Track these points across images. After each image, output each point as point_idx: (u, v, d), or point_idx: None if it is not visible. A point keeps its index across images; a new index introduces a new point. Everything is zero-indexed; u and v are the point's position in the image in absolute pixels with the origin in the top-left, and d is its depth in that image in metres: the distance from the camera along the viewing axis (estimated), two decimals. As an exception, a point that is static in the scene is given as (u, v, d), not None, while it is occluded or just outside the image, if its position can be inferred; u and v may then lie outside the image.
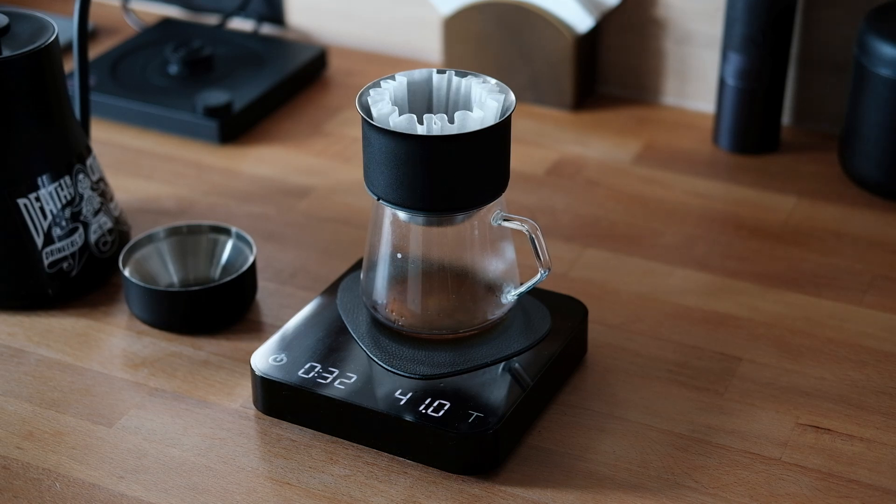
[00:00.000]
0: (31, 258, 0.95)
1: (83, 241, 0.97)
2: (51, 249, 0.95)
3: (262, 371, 0.86)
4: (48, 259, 0.95)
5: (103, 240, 0.98)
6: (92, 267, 0.98)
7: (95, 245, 0.98)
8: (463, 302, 0.87)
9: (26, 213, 0.94)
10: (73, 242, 0.96)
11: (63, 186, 0.95)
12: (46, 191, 0.95)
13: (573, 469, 0.83)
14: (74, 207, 0.96)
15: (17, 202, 0.94)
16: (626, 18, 1.26)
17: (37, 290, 0.96)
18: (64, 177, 0.96)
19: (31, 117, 0.94)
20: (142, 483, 0.82)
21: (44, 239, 0.95)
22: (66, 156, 0.96)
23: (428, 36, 1.34)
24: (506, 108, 0.82)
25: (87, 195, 0.97)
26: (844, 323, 0.97)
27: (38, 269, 0.95)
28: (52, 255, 0.95)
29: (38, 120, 0.94)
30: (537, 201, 1.13)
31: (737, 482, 0.82)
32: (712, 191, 1.14)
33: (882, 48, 1.06)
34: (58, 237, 0.96)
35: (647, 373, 0.92)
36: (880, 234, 1.08)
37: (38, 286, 0.96)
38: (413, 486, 0.82)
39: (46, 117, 0.95)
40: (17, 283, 0.96)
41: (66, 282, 0.97)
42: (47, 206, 0.95)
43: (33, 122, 0.94)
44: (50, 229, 0.95)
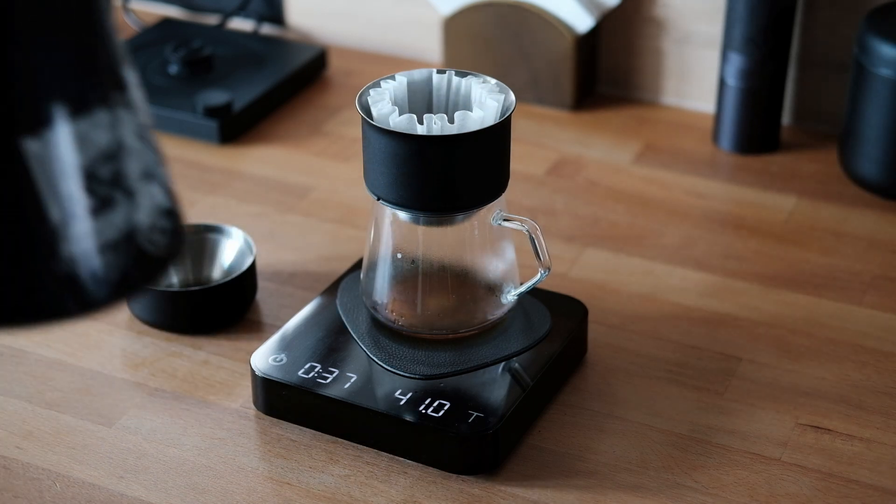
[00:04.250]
0: (39, 246, 0.53)
1: (127, 222, 0.54)
2: (76, 231, 0.53)
3: (262, 371, 0.86)
4: (68, 248, 0.53)
5: (158, 225, 0.55)
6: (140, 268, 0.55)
7: (147, 231, 0.55)
8: (463, 302, 0.87)
9: (37, 167, 0.52)
10: (111, 223, 0.53)
11: (98, 125, 0.53)
12: (73, 128, 0.53)
13: (573, 469, 0.83)
14: (114, 163, 0.54)
15: (24, 147, 0.51)
16: (627, 18, 1.26)
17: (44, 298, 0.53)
18: (97, 109, 0.53)
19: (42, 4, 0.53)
20: (142, 483, 0.82)
21: (63, 212, 0.52)
22: (101, 75, 0.54)
23: (428, 36, 1.34)
24: (506, 108, 0.83)
25: (134, 146, 0.54)
26: (844, 323, 0.97)
27: (49, 262, 0.53)
28: (77, 241, 0.53)
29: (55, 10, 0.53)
30: (537, 201, 1.13)
31: (737, 482, 0.82)
32: (712, 191, 1.14)
33: (882, 48, 1.06)
34: (88, 212, 0.53)
35: (647, 373, 0.92)
36: (880, 234, 1.08)
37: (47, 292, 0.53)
38: (413, 486, 0.82)
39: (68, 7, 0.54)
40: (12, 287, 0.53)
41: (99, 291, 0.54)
42: (72, 156, 0.52)
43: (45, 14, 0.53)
44: (74, 197, 0.53)
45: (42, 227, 0.52)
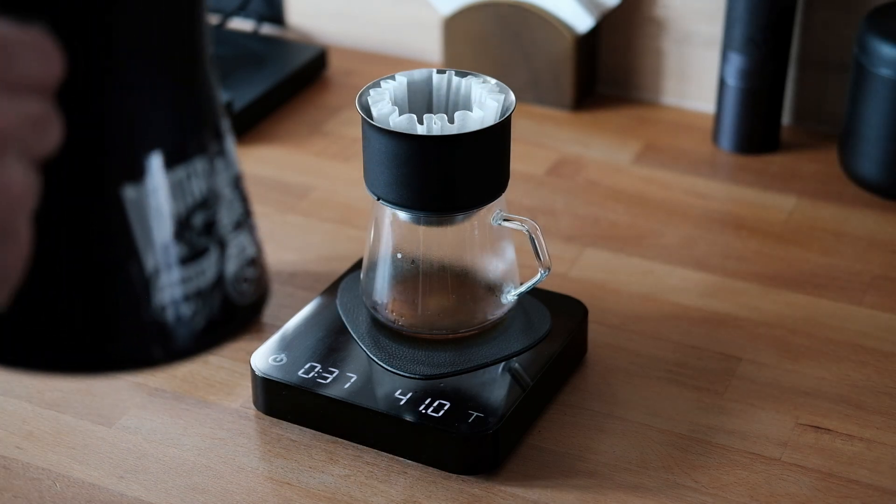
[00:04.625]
0: (132, 291, 0.53)
1: (217, 272, 0.55)
2: (167, 280, 0.53)
3: (262, 371, 0.86)
4: (159, 296, 0.53)
5: (244, 275, 0.56)
6: (226, 317, 0.56)
7: (234, 280, 0.56)
8: (463, 302, 0.87)
9: (133, 213, 0.52)
10: (201, 271, 0.55)
11: (194, 175, 0.54)
12: (170, 177, 0.53)
13: (573, 469, 0.83)
14: (208, 212, 0.55)
15: (121, 193, 0.51)
16: (626, 18, 1.26)
17: (132, 346, 0.54)
18: (196, 158, 0.54)
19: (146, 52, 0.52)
20: (142, 483, 0.82)
21: (157, 260, 0.53)
22: (201, 125, 0.55)
23: (428, 36, 1.34)
24: (506, 108, 0.83)
25: (227, 196, 0.55)
26: (844, 323, 0.97)
27: (139, 310, 0.53)
28: (167, 289, 0.53)
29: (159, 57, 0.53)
30: (537, 201, 1.13)
31: (737, 482, 0.82)
32: (712, 191, 1.14)
33: (882, 48, 1.06)
34: (180, 260, 0.54)
35: (647, 373, 0.92)
36: (880, 234, 1.08)
37: (135, 341, 0.54)
38: (413, 486, 0.82)
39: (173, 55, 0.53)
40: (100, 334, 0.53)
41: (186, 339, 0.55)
42: (168, 205, 0.53)
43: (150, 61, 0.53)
44: (168, 245, 0.53)
45: (136, 274, 0.52)
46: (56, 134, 0.46)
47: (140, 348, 0.53)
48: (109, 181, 0.51)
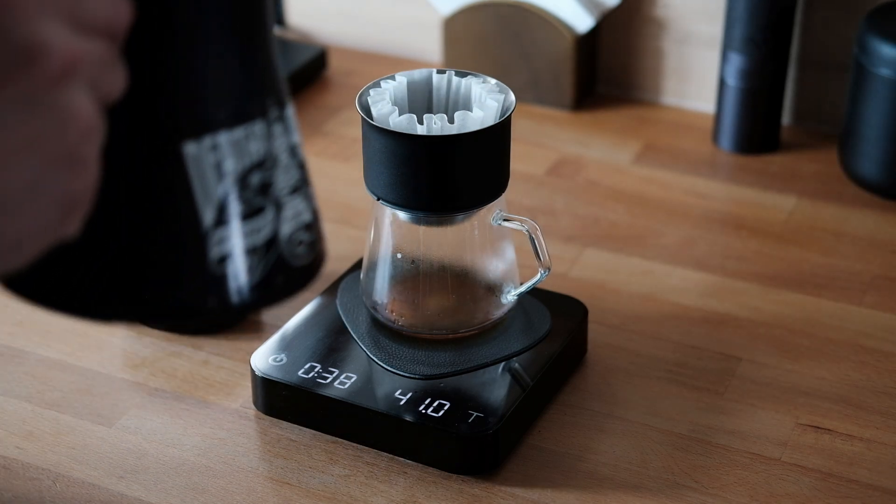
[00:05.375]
0: (190, 245, 0.55)
1: (272, 231, 0.57)
2: (224, 234, 0.56)
3: (262, 371, 0.86)
4: (216, 249, 0.55)
5: (298, 237, 0.59)
6: (280, 276, 0.58)
7: (288, 242, 0.58)
8: (463, 302, 0.87)
9: (193, 169, 0.54)
10: (257, 229, 0.57)
11: (253, 136, 0.56)
12: (229, 136, 0.55)
13: (573, 469, 0.83)
14: (265, 173, 0.57)
15: (183, 149, 0.54)
16: (627, 18, 1.26)
17: (189, 297, 0.56)
18: (255, 120, 0.56)
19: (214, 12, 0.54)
20: (142, 483, 0.82)
21: (215, 215, 0.55)
22: (261, 88, 0.57)
23: (428, 36, 1.34)
24: (506, 108, 0.83)
25: (284, 161, 0.58)
26: (844, 323, 0.97)
27: (197, 263, 0.56)
28: (224, 242, 0.56)
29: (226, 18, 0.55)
30: (537, 201, 1.13)
31: (737, 482, 0.82)
32: (712, 191, 1.14)
33: (882, 48, 1.06)
34: (237, 216, 0.56)
35: (647, 373, 0.92)
36: (880, 234, 1.08)
37: (192, 292, 0.56)
38: (413, 486, 0.82)
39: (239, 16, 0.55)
40: (159, 283, 0.55)
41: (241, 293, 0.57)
42: (227, 162, 0.55)
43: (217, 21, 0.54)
44: (225, 201, 0.56)
45: (194, 228, 0.54)
46: (120, 80, 0.48)
47: (196, 298, 0.55)
48: (170, 136, 0.53)
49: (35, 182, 0.45)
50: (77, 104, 0.45)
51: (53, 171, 0.46)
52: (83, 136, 0.46)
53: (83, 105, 0.46)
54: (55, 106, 0.45)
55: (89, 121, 0.46)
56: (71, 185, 0.47)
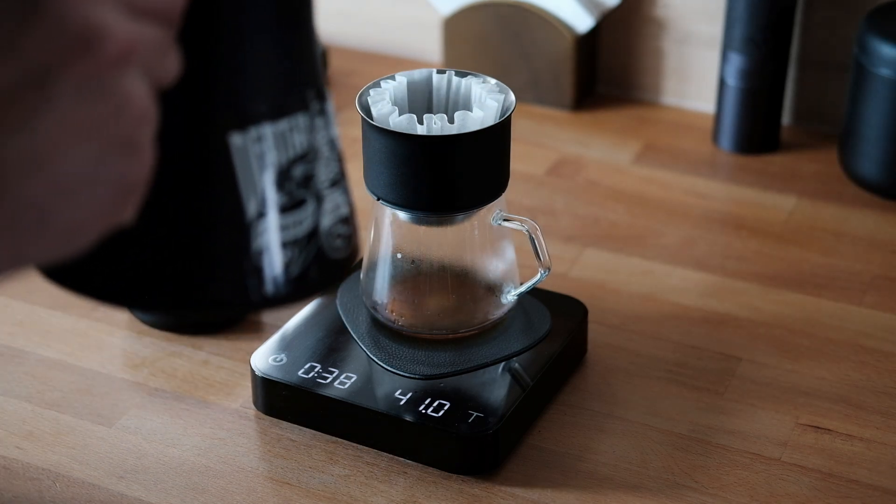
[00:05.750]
0: (233, 235, 0.55)
1: (313, 223, 0.58)
2: (267, 225, 0.56)
3: (262, 371, 0.86)
4: (259, 241, 0.56)
5: (337, 230, 0.59)
6: (319, 268, 0.59)
7: (328, 234, 0.59)
8: (463, 302, 0.87)
9: (238, 160, 0.54)
10: (298, 221, 0.57)
11: (296, 129, 0.56)
12: (274, 128, 0.55)
13: (573, 469, 0.83)
14: (307, 165, 0.57)
15: (229, 140, 0.54)
16: (626, 18, 1.26)
17: (231, 289, 0.56)
18: (299, 113, 0.57)
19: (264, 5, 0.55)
20: (142, 483, 0.82)
21: (258, 206, 0.55)
22: (305, 81, 0.58)
23: (428, 36, 1.34)
24: (506, 108, 0.83)
25: (325, 154, 0.58)
26: (844, 323, 0.97)
27: (239, 254, 0.56)
28: (266, 234, 0.56)
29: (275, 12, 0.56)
30: (537, 201, 1.13)
31: (737, 482, 0.82)
32: (712, 191, 1.14)
33: (882, 48, 1.06)
34: (279, 208, 0.56)
35: (647, 373, 0.92)
36: (880, 234, 1.08)
37: (233, 282, 0.56)
38: (413, 486, 0.82)
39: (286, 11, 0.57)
40: (200, 273, 0.55)
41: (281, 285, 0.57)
42: (271, 154, 0.55)
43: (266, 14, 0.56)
44: (269, 192, 0.56)
45: (237, 218, 0.54)
46: (174, 66, 0.48)
47: (237, 290, 0.55)
48: (217, 127, 0.53)
49: (92, 167, 0.46)
50: (132, 89, 0.46)
51: (110, 156, 0.46)
52: (138, 122, 0.46)
53: (138, 90, 0.46)
54: (111, 91, 0.45)
55: (144, 106, 0.47)
56: (127, 170, 0.47)
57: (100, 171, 0.46)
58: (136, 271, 0.54)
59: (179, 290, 0.55)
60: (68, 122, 0.45)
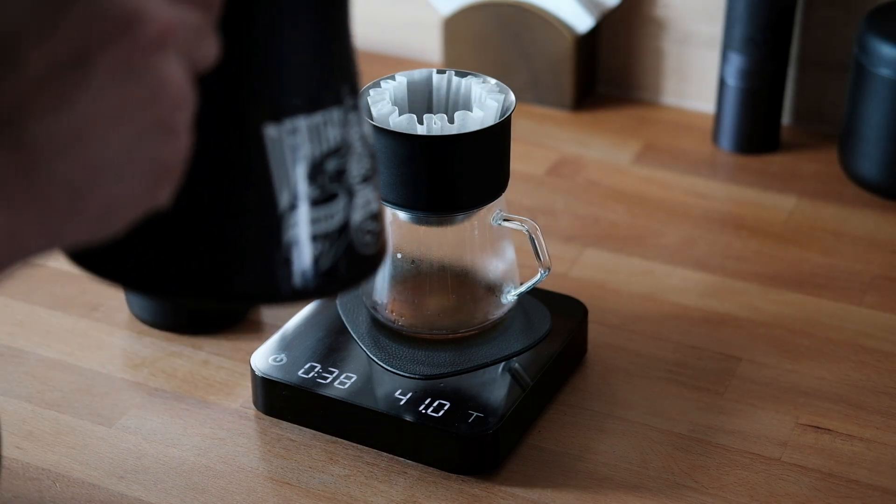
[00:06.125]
0: (265, 225, 0.55)
1: (344, 218, 0.58)
2: (299, 218, 0.56)
3: (262, 371, 0.86)
4: (290, 233, 0.56)
5: (367, 226, 0.59)
6: (348, 263, 0.58)
7: (358, 230, 0.58)
8: (463, 302, 0.87)
9: (273, 152, 0.54)
10: (330, 215, 0.57)
11: (330, 123, 0.57)
12: (308, 121, 0.56)
13: (573, 469, 0.83)
14: (340, 160, 0.57)
15: (264, 131, 0.54)
16: (627, 18, 1.26)
17: (260, 280, 0.56)
18: (333, 107, 0.57)
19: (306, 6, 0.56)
20: (142, 483, 0.82)
21: (291, 199, 0.55)
22: (340, 76, 0.58)
23: (428, 36, 1.34)
24: (506, 108, 0.83)
25: (358, 149, 0.58)
26: (844, 323, 0.97)
27: (270, 244, 0.56)
28: (298, 226, 0.56)
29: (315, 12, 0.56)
30: (537, 201, 1.13)
31: (737, 482, 0.82)
32: (712, 191, 1.14)
33: (882, 48, 1.06)
34: (311, 201, 0.56)
35: (647, 373, 0.92)
36: (880, 234, 1.08)
37: (263, 273, 0.56)
38: (413, 486, 0.82)
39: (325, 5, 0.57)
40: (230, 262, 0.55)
41: (310, 278, 0.57)
42: (305, 147, 0.55)
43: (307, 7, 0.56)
44: (301, 185, 0.56)
45: (270, 210, 0.54)
46: (212, 50, 0.49)
47: (267, 282, 0.55)
48: (253, 118, 0.54)
49: (129, 149, 0.46)
50: (171, 73, 0.46)
51: (147, 138, 0.46)
52: (175, 105, 0.47)
53: (177, 74, 0.46)
54: (150, 74, 0.45)
55: (181, 90, 0.47)
56: (163, 153, 0.47)
57: (136, 153, 0.46)
58: (165, 259, 0.54)
59: (207, 280, 0.54)
60: (105, 103, 0.45)
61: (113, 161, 0.46)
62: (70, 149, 0.45)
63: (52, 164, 0.45)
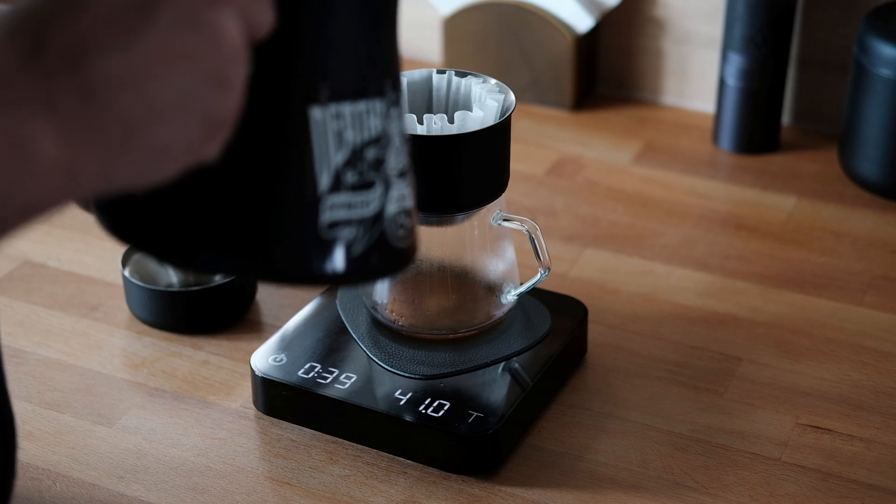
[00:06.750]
0: (304, 204, 0.56)
1: (379, 207, 0.59)
2: (336, 201, 0.57)
3: (262, 371, 0.86)
4: (328, 214, 0.56)
5: (400, 220, 0.60)
6: (380, 253, 0.59)
7: (392, 221, 0.59)
8: (463, 302, 0.87)
9: (316, 133, 0.56)
10: (366, 202, 0.58)
11: (373, 112, 0.58)
12: (353, 108, 0.57)
13: (573, 469, 0.83)
14: (380, 150, 0.59)
15: (309, 112, 0.55)
16: (626, 18, 1.26)
17: (295, 258, 0.56)
18: (376, 98, 0.58)
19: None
20: (142, 483, 0.82)
21: (330, 181, 0.56)
22: (385, 69, 0.59)
23: (428, 36, 1.34)
24: (506, 108, 0.83)
25: (397, 143, 0.59)
26: (844, 323, 0.97)
27: (308, 225, 0.56)
28: (335, 209, 0.57)
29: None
30: (537, 201, 1.13)
31: (737, 482, 0.82)
32: (712, 191, 1.14)
33: (882, 48, 1.06)
34: (349, 186, 0.57)
35: (647, 373, 0.92)
36: (880, 234, 1.08)
37: (299, 252, 0.56)
38: (413, 486, 0.82)
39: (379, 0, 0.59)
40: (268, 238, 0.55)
41: (342, 262, 0.57)
42: (348, 132, 0.57)
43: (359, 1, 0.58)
44: (341, 168, 0.57)
45: (310, 189, 0.55)
46: (268, 18, 0.51)
47: (302, 261, 0.56)
48: (299, 99, 0.55)
49: (184, 95, 0.48)
50: (228, 27, 0.49)
51: (201, 87, 0.48)
52: (231, 59, 0.49)
53: (234, 29, 0.49)
54: (210, 26, 0.48)
55: (237, 45, 0.49)
56: (216, 104, 0.49)
57: (189, 99, 0.48)
58: (202, 230, 0.54)
59: (242, 254, 0.55)
60: (164, 48, 0.47)
61: (168, 104, 0.48)
62: (128, 86, 0.47)
63: (110, 100, 0.47)
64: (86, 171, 0.47)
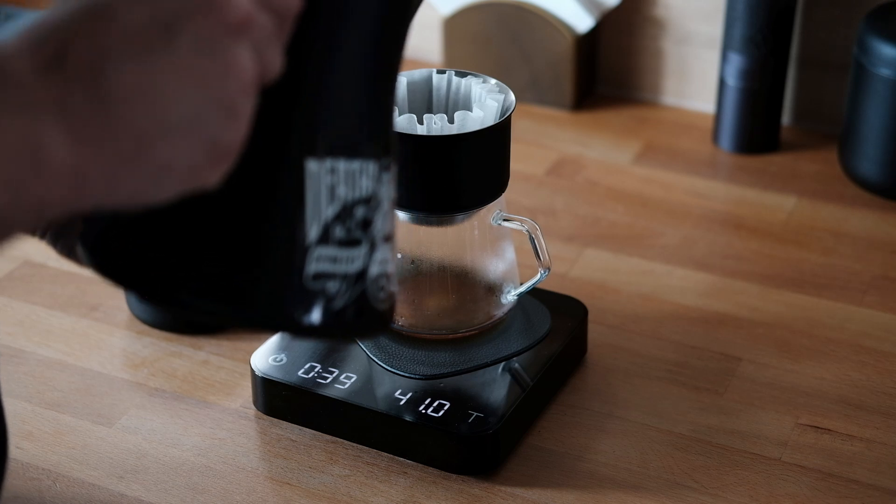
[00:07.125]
0: (291, 252, 0.57)
1: (363, 265, 0.60)
2: (323, 253, 0.58)
3: (262, 371, 0.86)
4: (314, 265, 0.58)
5: (381, 283, 0.62)
6: (360, 311, 0.61)
7: (373, 282, 0.61)
8: (463, 302, 0.87)
9: (310, 185, 0.57)
10: (351, 258, 0.60)
11: (366, 173, 0.60)
12: (347, 165, 0.59)
13: (573, 469, 0.83)
14: (369, 210, 0.61)
15: (306, 162, 0.57)
16: (627, 18, 1.26)
17: (278, 305, 0.58)
18: (370, 160, 0.60)
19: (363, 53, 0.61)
20: (142, 483, 0.82)
21: (320, 232, 0.58)
22: (380, 134, 0.62)
23: (428, 36, 1.34)
24: (506, 108, 0.83)
25: (385, 207, 0.62)
26: (844, 323, 0.97)
27: (294, 272, 0.58)
28: (321, 261, 0.58)
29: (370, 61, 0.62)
30: (537, 201, 1.13)
31: (737, 482, 0.82)
32: (712, 191, 1.14)
33: (882, 48, 1.06)
34: (337, 240, 0.59)
35: (647, 373, 0.92)
36: (880, 234, 1.08)
37: (283, 300, 0.57)
38: (413, 486, 0.82)
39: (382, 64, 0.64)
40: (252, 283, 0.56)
41: (323, 314, 0.59)
42: (340, 188, 0.59)
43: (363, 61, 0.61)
44: (331, 223, 0.59)
45: (299, 239, 0.57)
46: (278, 59, 0.53)
47: (285, 309, 0.57)
48: (298, 150, 0.57)
49: (195, 115, 0.49)
50: (244, 59, 0.51)
51: (212, 111, 0.50)
52: (242, 90, 0.51)
53: (248, 62, 0.51)
54: (224, 53, 0.50)
55: (249, 78, 0.51)
56: (223, 131, 0.50)
57: (198, 122, 0.50)
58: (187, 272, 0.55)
59: (226, 298, 0.56)
60: (180, 67, 0.49)
61: (177, 123, 0.49)
62: (141, 98, 0.48)
63: (122, 110, 0.48)
64: (92, 178, 0.48)
